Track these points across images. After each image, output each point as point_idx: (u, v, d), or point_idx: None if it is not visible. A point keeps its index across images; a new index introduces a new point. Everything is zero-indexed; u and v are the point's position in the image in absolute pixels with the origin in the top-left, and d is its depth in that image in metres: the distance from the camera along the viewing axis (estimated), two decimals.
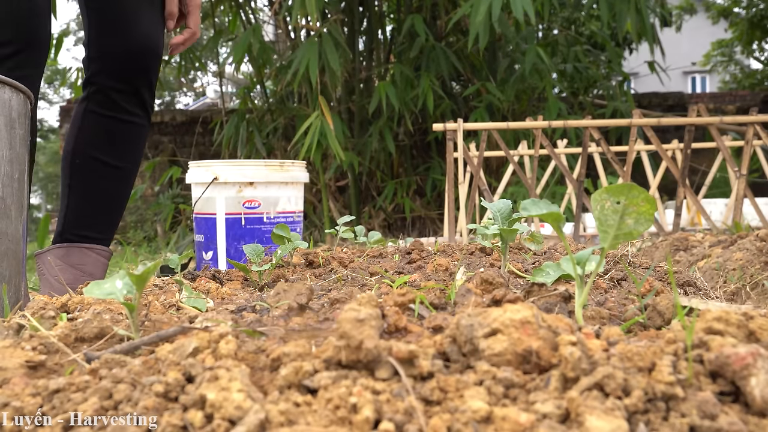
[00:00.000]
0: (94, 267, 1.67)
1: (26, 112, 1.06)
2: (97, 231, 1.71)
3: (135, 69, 1.66)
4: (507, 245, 1.08)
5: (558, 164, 2.78)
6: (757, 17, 9.90)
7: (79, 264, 1.65)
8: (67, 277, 1.61)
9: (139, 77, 1.67)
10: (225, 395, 0.46)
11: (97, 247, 1.69)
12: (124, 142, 1.72)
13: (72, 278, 1.61)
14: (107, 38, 1.63)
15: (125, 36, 1.62)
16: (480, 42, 4.16)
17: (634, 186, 0.62)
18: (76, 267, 1.64)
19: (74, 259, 1.65)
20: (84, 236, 1.68)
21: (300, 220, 2.10)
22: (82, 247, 1.66)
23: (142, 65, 1.66)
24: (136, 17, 1.63)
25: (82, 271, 1.64)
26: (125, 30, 1.62)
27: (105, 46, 1.63)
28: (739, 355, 0.47)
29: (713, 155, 4.42)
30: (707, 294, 1.23)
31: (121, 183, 1.74)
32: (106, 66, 1.64)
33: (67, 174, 1.70)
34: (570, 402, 0.45)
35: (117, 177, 1.73)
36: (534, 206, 0.71)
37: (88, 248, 1.67)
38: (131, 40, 1.62)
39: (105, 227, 1.74)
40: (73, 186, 1.70)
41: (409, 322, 0.67)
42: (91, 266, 1.66)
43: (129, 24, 1.62)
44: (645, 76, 7.77)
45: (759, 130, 2.58)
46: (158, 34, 1.68)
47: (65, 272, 1.62)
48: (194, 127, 7.50)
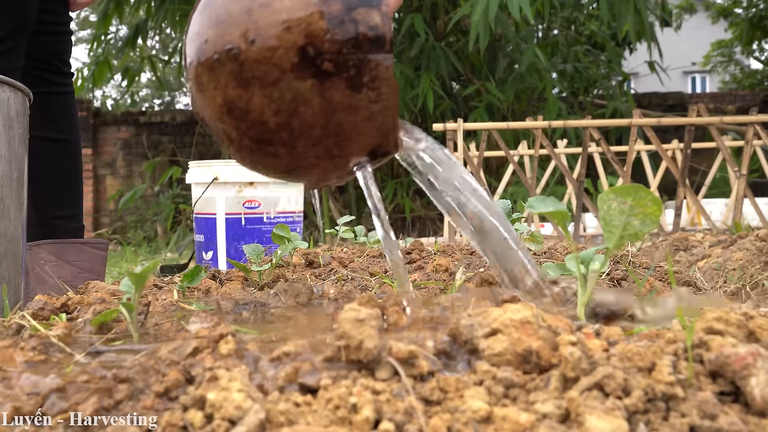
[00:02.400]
0: (91, 262, 1.68)
1: (25, 111, 1.06)
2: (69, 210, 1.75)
3: (47, 45, 1.72)
4: None
5: (558, 164, 2.78)
6: (757, 17, 9.89)
7: (75, 261, 1.65)
8: (64, 274, 1.61)
9: (52, 51, 1.74)
10: (225, 395, 0.46)
11: (93, 241, 1.70)
12: (64, 114, 1.77)
13: (69, 275, 1.62)
14: (20, 19, 1.67)
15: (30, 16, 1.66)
16: (480, 42, 4.16)
17: (641, 187, 0.62)
18: (72, 264, 1.65)
19: (69, 255, 1.65)
20: (57, 219, 1.71)
21: (300, 220, 2.10)
22: (77, 243, 1.67)
23: (52, 40, 1.73)
24: None
25: (80, 268, 1.65)
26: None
27: (18, 26, 1.69)
28: (739, 355, 0.47)
29: (713, 155, 4.43)
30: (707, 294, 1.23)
31: (75, 154, 1.79)
32: (19, 46, 1.71)
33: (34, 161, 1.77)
34: (570, 402, 0.45)
35: (68, 150, 1.77)
36: (541, 204, 0.71)
37: (83, 243, 1.68)
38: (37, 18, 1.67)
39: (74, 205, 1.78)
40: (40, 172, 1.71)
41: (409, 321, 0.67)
42: (87, 261, 1.67)
43: None
44: (645, 76, 7.77)
45: (759, 130, 2.58)
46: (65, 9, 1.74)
47: (62, 269, 1.62)
48: (194, 127, 7.50)
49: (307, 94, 0.62)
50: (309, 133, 0.65)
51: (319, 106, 0.63)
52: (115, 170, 7.73)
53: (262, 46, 0.62)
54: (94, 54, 5.97)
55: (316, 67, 0.62)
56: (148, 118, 7.75)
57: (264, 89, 0.63)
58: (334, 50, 0.62)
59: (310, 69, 0.62)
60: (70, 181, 1.79)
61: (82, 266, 1.66)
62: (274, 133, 0.65)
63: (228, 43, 0.64)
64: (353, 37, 0.62)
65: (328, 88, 0.63)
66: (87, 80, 5.92)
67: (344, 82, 0.63)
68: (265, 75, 0.63)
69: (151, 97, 17.64)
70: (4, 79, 0.98)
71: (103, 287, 1.03)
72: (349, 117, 0.64)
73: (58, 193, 1.75)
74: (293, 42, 0.62)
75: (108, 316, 0.70)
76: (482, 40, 4.11)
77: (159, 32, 6.19)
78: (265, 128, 0.65)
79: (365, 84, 0.63)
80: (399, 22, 5.77)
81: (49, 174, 1.74)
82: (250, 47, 0.63)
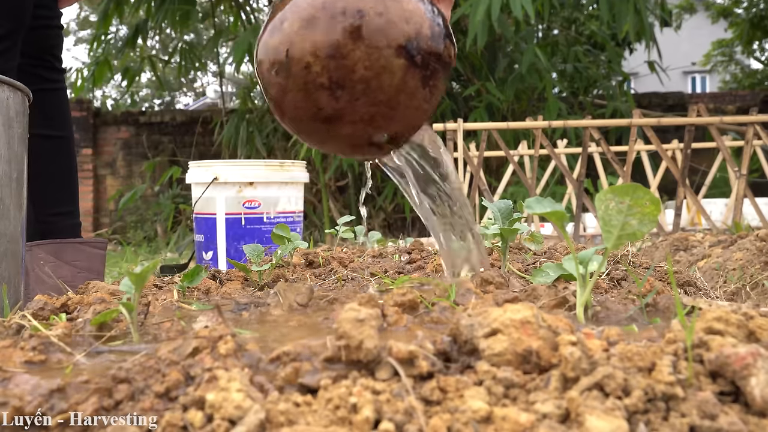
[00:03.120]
0: (89, 261, 1.68)
1: (24, 111, 1.06)
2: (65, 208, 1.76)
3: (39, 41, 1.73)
4: (507, 245, 1.08)
5: (558, 164, 2.78)
6: (757, 17, 9.89)
7: (73, 260, 1.66)
8: (64, 274, 1.61)
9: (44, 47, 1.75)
10: (224, 395, 0.46)
11: (91, 241, 1.71)
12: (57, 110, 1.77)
13: (69, 275, 1.62)
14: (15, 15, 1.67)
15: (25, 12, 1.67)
16: (478, 42, 4.16)
17: (640, 187, 0.62)
18: (71, 263, 1.65)
19: (68, 255, 1.66)
20: (54, 216, 1.72)
21: (300, 220, 2.10)
22: (74, 242, 1.67)
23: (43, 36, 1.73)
24: None
25: (78, 267, 1.65)
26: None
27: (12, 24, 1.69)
28: (739, 355, 0.47)
29: (713, 155, 4.43)
30: (707, 294, 1.23)
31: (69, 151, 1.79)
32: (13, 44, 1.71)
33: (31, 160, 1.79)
34: (570, 402, 0.45)
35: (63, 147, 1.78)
36: (538, 204, 0.71)
37: (81, 243, 1.69)
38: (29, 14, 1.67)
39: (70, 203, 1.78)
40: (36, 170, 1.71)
41: (410, 321, 0.67)
42: (86, 261, 1.68)
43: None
44: (645, 76, 7.77)
45: (759, 130, 2.58)
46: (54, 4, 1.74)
47: (61, 269, 1.62)
48: (194, 127, 7.50)
49: (395, 68, 0.81)
50: (375, 95, 0.81)
51: (397, 81, 0.81)
52: (115, 170, 7.73)
53: (384, 21, 0.80)
54: (94, 54, 5.97)
55: (411, 56, 0.81)
56: (148, 118, 7.75)
57: (369, 48, 0.79)
58: (427, 52, 0.82)
59: (407, 55, 0.81)
60: (66, 178, 1.79)
61: (80, 266, 1.67)
62: (353, 82, 0.80)
63: (359, 7, 0.80)
64: (439, 53, 0.84)
65: (410, 73, 0.82)
66: (87, 80, 5.92)
67: (420, 76, 0.83)
68: (376, 41, 0.79)
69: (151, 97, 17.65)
70: (4, 79, 0.98)
71: (102, 287, 1.03)
72: (408, 100, 0.83)
73: (55, 190, 1.76)
74: (406, 31, 0.81)
75: (108, 316, 0.70)
76: (480, 39, 4.11)
77: (159, 32, 6.20)
78: (349, 75, 0.80)
79: (430, 85, 0.84)
80: None
81: (46, 171, 1.74)
82: (375, 18, 0.80)
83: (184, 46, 5.94)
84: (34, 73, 1.72)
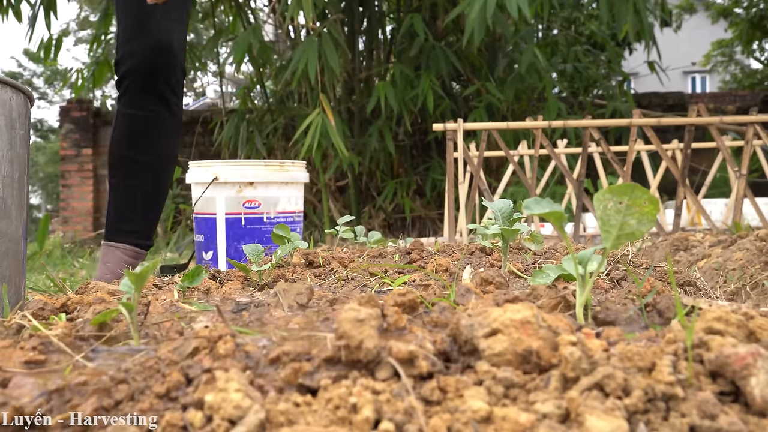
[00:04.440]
0: (116, 264, 1.83)
1: (26, 113, 1.06)
2: (131, 224, 1.85)
3: (150, 68, 1.77)
4: (507, 245, 1.08)
5: (558, 164, 2.78)
6: (757, 17, 9.89)
7: (107, 261, 1.81)
8: (102, 271, 1.78)
9: (155, 75, 1.78)
10: (223, 396, 0.46)
11: (121, 246, 1.83)
12: (147, 137, 1.84)
13: (100, 274, 1.79)
14: (127, 41, 1.76)
15: (141, 38, 1.74)
16: (475, 39, 4.15)
17: (638, 186, 0.62)
18: (105, 264, 1.81)
19: (108, 256, 1.82)
20: (118, 229, 1.84)
21: (300, 220, 2.10)
22: (110, 245, 1.82)
23: (155, 65, 1.77)
24: (151, 19, 1.71)
25: (108, 269, 1.80)
26: (141, 33, 1.74)
27: (126, 48, 1.77)
28: (739, 355, 0.47)
29: (713, 155, 4.42)
30: (707, 294, 1.23)
31: (148, 177, 1.87)
32: (127, 67, 1.78)
33: (109, 173, 1.89)
34: (570, 402, 0.45)
35: (146, 172, 1.86)
36: (536, 205, 0.71)
37: (114, 247, 1.83)
38: (146, 42, 1.74)
39: (136, 221, 1.88)
40: (111, 183, 1.86)
41: (409, 321, 0.67)
42: (114, 264, 1.82)
43: (144, 26, 1.74)
44: (645, 76, 7.76)
45: (759, 130, 2.58)
46: (172, 33, 1.78)
47: (101, 268, 1.80)
48: (194, 127, 7.50)
49: None
50: None
51: None
52: None
53: None
54: (94, 54, 5.97)
55: None
56: None
57: None
58: None
59: None
60: (136, 198, 1.92)
61: (110, 268, 1.81)
62: None
63: None
64: None
65: None
66: (87, 80, 5.92)
67: None
68: None
69: None
70: (6, 80, 0.98)
71: (102, 287, 1.03)
72: None
73: (124, 208, 1.93)
74: None
75: (108, 316, 0.70)
76: (477, 36, 4.10)
77: None
78: None
79: None
80: (399, 22, 5.77)
81: (122, 188, 1.89)
82: None
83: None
84: (133, 97, 1.81)
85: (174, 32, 1.77)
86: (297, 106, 5.83)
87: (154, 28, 1.72)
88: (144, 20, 1.72)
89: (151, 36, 1.72)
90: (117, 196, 1.84)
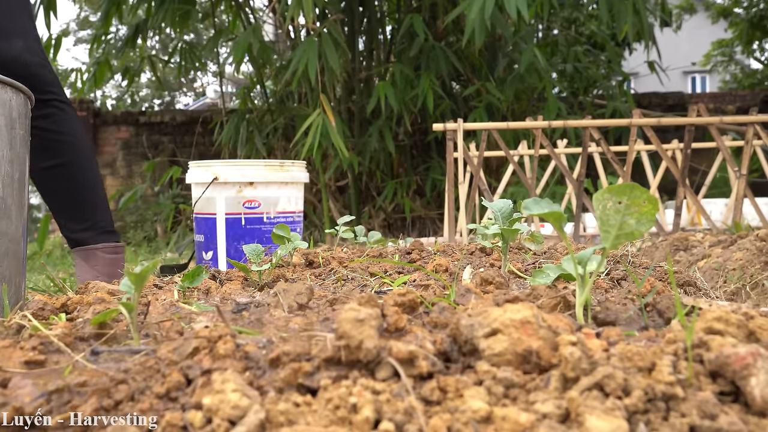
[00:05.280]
0: (104, 266, 1.84)
1: (26, 113, 1.06)
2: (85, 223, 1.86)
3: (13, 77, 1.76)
4: (508, 245, 1.08)
5: (558, 164, 2.78)
6: (757, 17, 9.89)
7: (95, 265, 1.82)
8: (93, 275, 1.79)
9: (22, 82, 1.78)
10: (221, 398, 0.46)
11: (100, 246, 1.85)
12: (50, 143, 1.83)
13: (92, 277, 1.78)
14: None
15: None
16: (475, 40, 4.15)
17: (637, 186, 0.62)
18: (94, 268, 1.82)
19: (91, 261, 1.82)
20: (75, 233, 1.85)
21: (300, 220, 2.10)
22: (84, 250, 1.83)
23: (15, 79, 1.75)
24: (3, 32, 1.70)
25: (98, 272, 1.81)
26: None
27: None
28: (739, 355, 0.47)
29: (713, 155, 4.42)
30: (707, 294, 1.23)
31: (72, 174, 1.87)
32: None
33: (40, 191, 1.89)
34: (570, 402, 0.45)
35: (65, 172, 1.86)
36: (536, 205, 0.71)
37: (92, 249, 1.83)
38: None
39: (89, 218, 1.88)
40: (46, 199, 1.89)
41: (409, 322, 0.67)
42: (101, 266, 1.83)
43: None
44: (645, 76, 7.77)
45: (759, 130, 2.58)
46: (10, 46, 1.73)
47: (87, 273, 1.81)
48: (194, 127, 7.50)
49: None
50: None
51: None
52: (115, 170, 7.73)
53: None
54: (94, 54, 5.97)
55: None
56: (148, 118, 7.75)
57: None
58: None
59: None
60: (70, 199, 1.91)
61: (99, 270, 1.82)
62: None
63: None
64: None
65: None
66: (87, 80, 5.92)
67: None
68: None
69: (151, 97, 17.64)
70: (6, 80, 0.98)
71: (102, 287, 1.03)
72: None
73: (61, 209, 1.92)
74: None
75: (107, 316, 0.70)
76: (477, 37, 4.10)
77: (159, 32, 6.19)
78: None
79: None
80: (399, 22, 5.77)
81: (50, 195, 1.89)
82: None
83: (184, 46, 5.93)
84: None
85: (13, 41, 1.73)
86: (297, 106, 5.83)
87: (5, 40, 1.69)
88: None
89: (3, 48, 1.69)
90: (55, 206, 1.86)
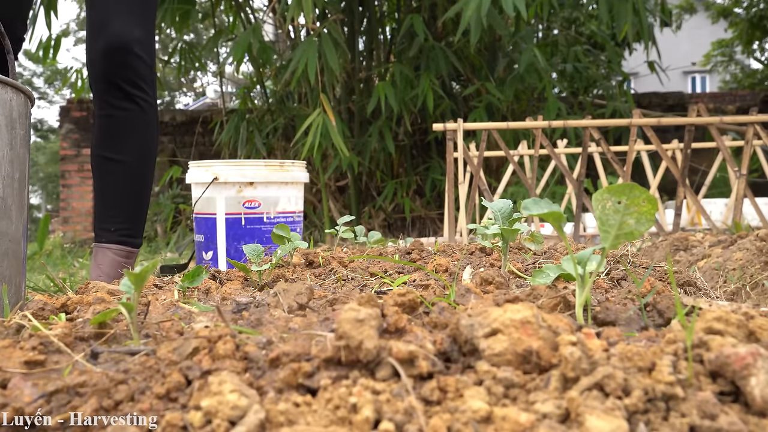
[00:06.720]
0: (109, 267, 1.81)
1: (27, 113, 1.06)
2: (116, 224, 1.83)
3: (108, 69, 1.76)
4: (507, 245, 1.08)
5: (558, 164, 2.78)
6: (757, 17, 9.89)
7: (100, 263, 1.80)
8: (96, 273, 1.78)
9: (115, 75, 1.77)
10: (219, 399, 0.46)
11: (113, 247, 1.82)
12: (115, 136, 1.83)
13: (95, 276, 1.78)
14: (89, 43, 1.77)
15: (97, 39, 1.73)
16: (471, 38, 4.15)
17: (636, 186, 0.62)
18: (98, 266, 1.80)
19: (99, 258, 1.81)
20: (105, 230, 1.82)
21: (300, 220, 2.10)
22: (101, 246, 1.81)
23: (114, 65, 1.77)
24: (108, 19, 1.72)
25: (102, 271, 1.79)
26: (98, 33, 1.73)
27: (88, 51, 1.78)
28: (739, 355, 0.47)
29: (713, 155, 4.42)
30: (707, 294, 1.23)
31: (126, 175, 1.85)
32: (90, 70, 1.80)
33: (93, 175, 1.89)
34: (570, 402, 0.45)
35: (120, 170, 1.84)
36: (535, 206, 0.71)
37: (106, 248, 1.81)
38: (101, 42, 1.72)
39: (121, 220, 1.85)
40: (94, 185, 1.87)
41: (409, 321, 0.67)
42: (106, 265, 1.81)
43: (101, 27, 1.72)
44: (645, 76, 7.77)
45: (759, 130, 2.58)
46: (129, 31, 1.75)
47: (94, 270, 1.80)
48: (194, 127, 7.50)
49: None
50: None
51: None
52: None
53: None
54: None
55: None
56: None
57: None
58: None
59: None
60: (118, 198, 1.90)
61: (103, 270, 1.80)
62: None
63: None
64: None
65: None
66: (87, 80, 5.92)
67: None
68: None
69: None
70: (7, 81, 0.98)
71: (102, 287, 1.03)
72: None
73: (107, 207, 1.90)
74: None
75: (107, 316, 0.70)
76: (473, 34, 4.10)
77: (159, 32, 6.19)
78: None
79: None
80: (399, 22, 5.77)
81: (102, 188, 1.87)
82: None
83: (183, 46, 5.93)
84: (103, 98, 1.79)
85: (134, 30, 1.75)
86: (297, 106, 5.83)
87: (110, 28, 1.70)
88: (103, 20, 1.71)
89: (108, 36, 1.70)
90: (98, 196, 1.84)
